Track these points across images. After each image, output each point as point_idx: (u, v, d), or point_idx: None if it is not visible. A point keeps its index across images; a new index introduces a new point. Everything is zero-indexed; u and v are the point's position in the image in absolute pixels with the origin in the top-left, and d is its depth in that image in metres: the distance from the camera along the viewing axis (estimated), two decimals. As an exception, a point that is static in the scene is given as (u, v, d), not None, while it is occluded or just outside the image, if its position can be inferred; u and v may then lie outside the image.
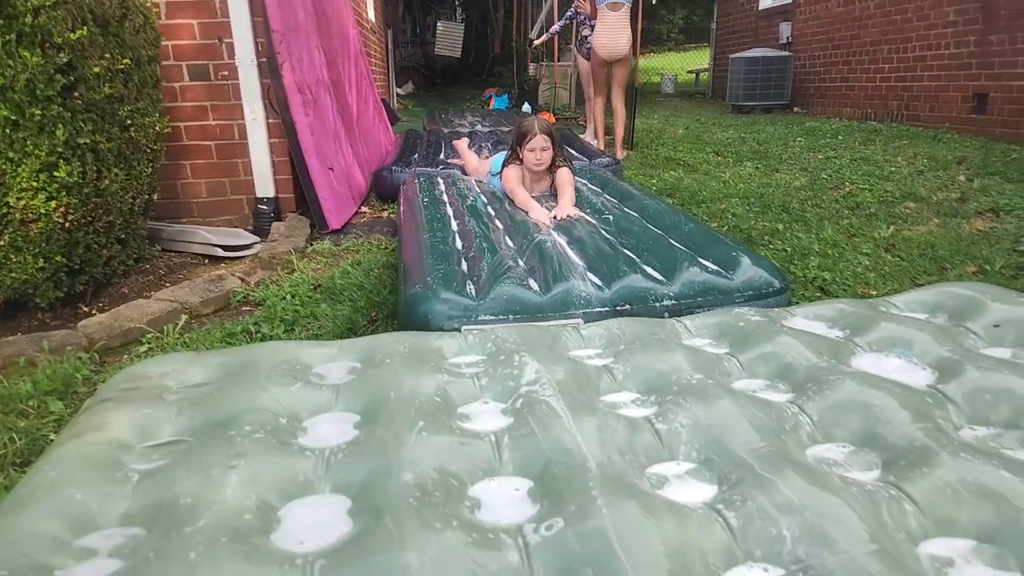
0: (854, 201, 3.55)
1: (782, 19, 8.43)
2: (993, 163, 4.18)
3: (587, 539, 0.88)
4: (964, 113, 5.51)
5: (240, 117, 3.28)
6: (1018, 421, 1.14)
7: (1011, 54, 5.02)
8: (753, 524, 0.92)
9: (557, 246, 2.28)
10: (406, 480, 1.00)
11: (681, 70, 13.03)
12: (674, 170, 4.68)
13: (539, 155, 2.93)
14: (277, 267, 2.85)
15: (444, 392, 1.32)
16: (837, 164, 4.55)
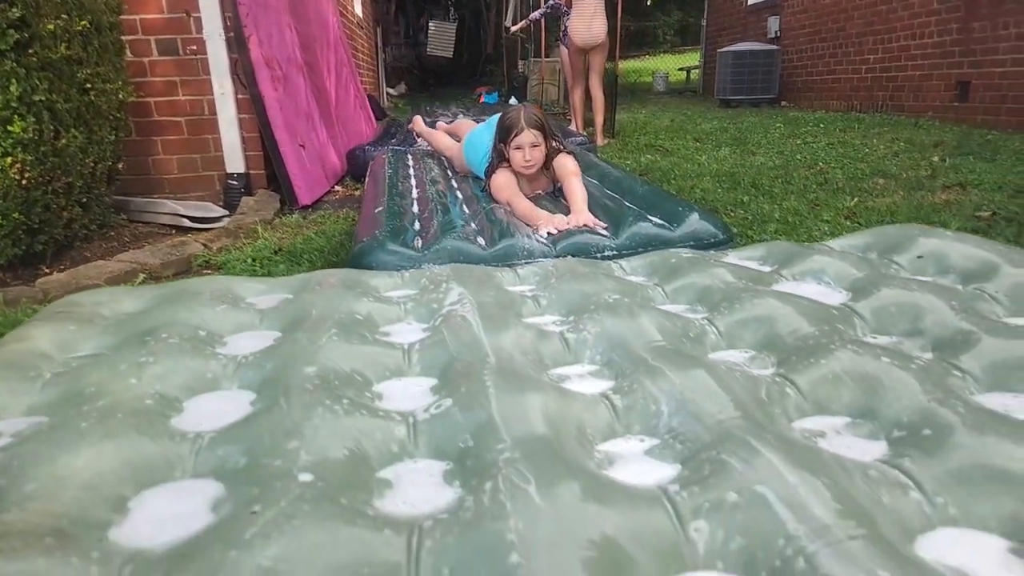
0: (824, 178, 3.60)
1: (770, 13, 8.53)
2: (969, 145, 4.24)
3: (469, 413, 0.92)
4: (947, 101, 5.57)
5: (209, 92, 3.34)
6: (919, 329, 1.19)
7: (992, 41, 5.09)
8: (636, 405, 0.97)
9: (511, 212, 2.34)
10: (308, 372, 1.04)
11: (674, 69, 13.14)
12: (651, 155, 4.74)
13: (528, 154, 2.38)
14: (242, 235, 2.90)
15: (369, 314, 1.36)
16: (813, 148, 4.61)
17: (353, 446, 0.88)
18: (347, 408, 0.94)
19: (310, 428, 0.87)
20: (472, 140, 2.95)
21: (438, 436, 0.92)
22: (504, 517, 0.70)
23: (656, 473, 0.84)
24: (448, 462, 0.88)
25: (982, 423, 0.81)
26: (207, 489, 0.82)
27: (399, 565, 0.67)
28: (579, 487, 0.74)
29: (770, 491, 0.72)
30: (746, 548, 0.69)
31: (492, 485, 0.76)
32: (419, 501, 0.80)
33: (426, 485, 0.84)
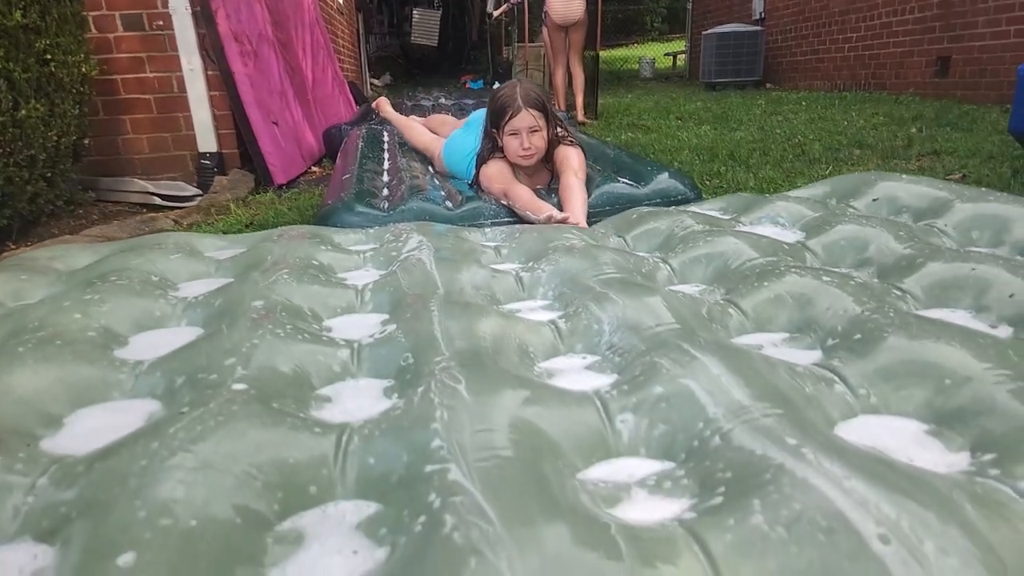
0: (801, 150, 3.64)
1: (755, -5, 8.55)
2: (947, 118, 4.28)
3: (412, 334, 0.93)
4: (928, 78, 5.62)
5: (178, 69, 3.32)
6: (866, 260, 1.21)
7: (972, 15, 5.13)
8: (579, 327, 0.98)
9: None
10: (255, 305, 1.05)
11: (661, 56, 13.16)
12: (633, 132, 4.76)
13: (527, 141, 1.99)
14: (214, 212, 2.89)
15: (327, 262, 1.37)
16: (793, 123, 4.64)
17: (294, 366, 0.89)
18: (290, 332, 0.95)
19: (249, 347, 0.88)
20: (452, 146, 2.52)
21: (381, 357, 0.94)
22: (431, 409, 0.71)
23: (593, 383, 0.85)
24: (389, 380, 0.90)
25: (910, 325, 0.83)
26: (144, 406, 0.83)
27: (326, 456, 0.69)
28: (510, 387, 0.76)
29: (695, 383, 0.74)
30: (667, 433, 0.71)
31: (424, 388, 0.77)
32: (355, 411, 0.81)
33: (365, 399, 0.85)
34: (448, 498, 0.58)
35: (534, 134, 2.01)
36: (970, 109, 4.52)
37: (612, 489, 0.65)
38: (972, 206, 1.33)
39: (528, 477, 0.61)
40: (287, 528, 0.61)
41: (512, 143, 2.03)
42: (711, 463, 0.64)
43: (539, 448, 0.67)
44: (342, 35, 8.26)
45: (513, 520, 0.54)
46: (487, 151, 2.12)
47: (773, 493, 0.55)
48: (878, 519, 0.49)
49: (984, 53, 4.97)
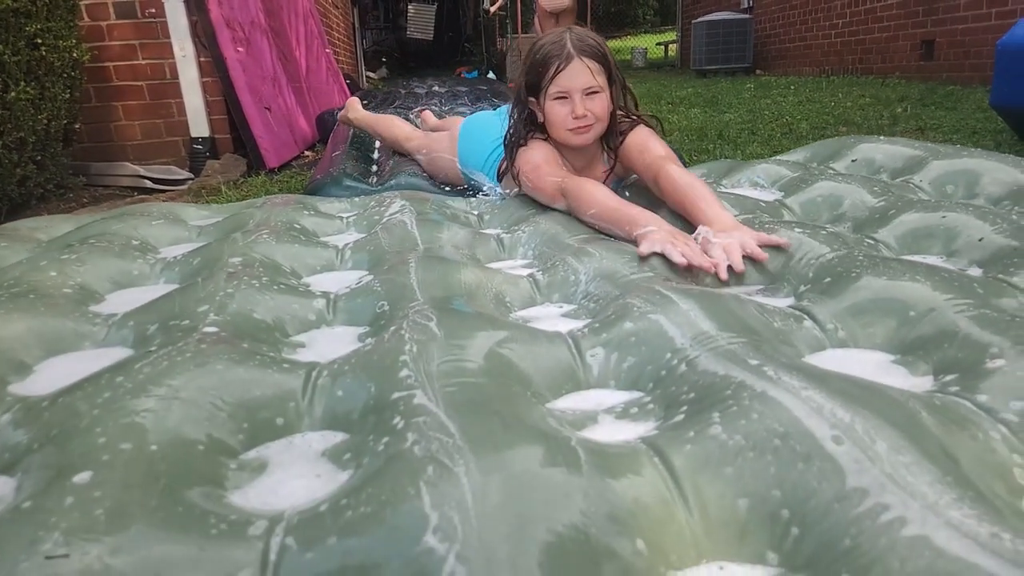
0: (789, 128, 3.62)
1: (743, -16, 8.51)
2: (932, 98, 4.27)
3: (389, 283, 0.92)
4: (913, 61, 5.59)
5: (170, 56, 3.29)
6: (841, 215, 1.20)
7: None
8: (556, 279, 0.97)
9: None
10: (233, 262, 1.03)
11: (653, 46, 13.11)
12: (623, 117, 4.74)
13: (580, 106, 1.32)
14: (205, 195, 2.87)
15: (310, 226, 1.36)
16: (782, 105, 4.62)
17: (268, 314, 0.88)
18: (266, 284, 0.94)
19: (224, 296, 0.87)
20: (471, 129, 1.80)
21: (356, 306, 0.93)
22: (401, 343, 0.70)
23: (567, 326, 0.84)
24: (364, 327, 0.89)
25: (878, 266, 0.82)
26: (114, 353, 0.82)
27: (294, 391, 0.68)
28: (482, 322, 0.75)
29: (664, 318, 0.73)
30: (636, 365, 0.70)
31: (396, 327, 0.76)
32: (328, 354, 0.80)
33: (338, 344, 0.84)
34: (412, 419, 0.57)
35: (593, 96, 1.30)
36: (955, 89, 4.50)
37: (579, 416, 0.64)
38: (947, 162, 1.32)
39: (493, 401, 0.60)
40: (252, 456, 0.60)
41: (558, 110, 1.31)
42: (676, 388, 0.63)
43: (507, 378, 0.66)
44: (337, 28, 8.21)
45: (474, 434, 0.53)
46: (520, 129, 1.40)
47: (732, 406, 0.54)
48: (832, 423, 0.49)
49: (967, 36, 4.95)
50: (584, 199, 1.19)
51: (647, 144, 1.33)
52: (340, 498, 0.51)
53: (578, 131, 1.35)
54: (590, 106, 1.32)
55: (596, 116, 1.34)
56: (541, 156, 1.38)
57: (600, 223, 1.15)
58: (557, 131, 1.37)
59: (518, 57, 9.49)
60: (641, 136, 1.37)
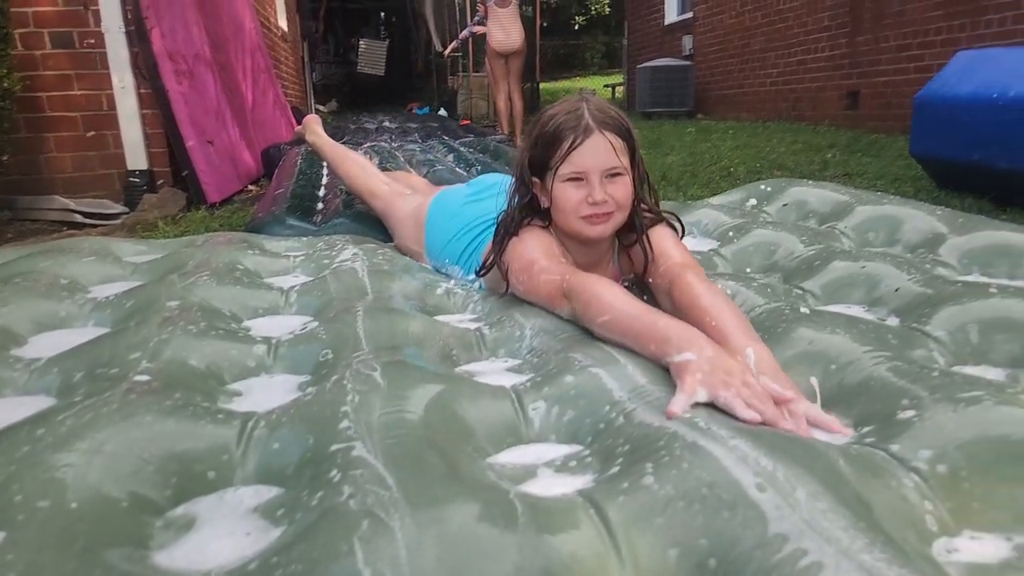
0: (727, 171, 3.78)
1: (684, 32, 8.93)
2: (859, 145, 4.55)
3: (334, 331, 0.92)
4: (841, 110, 5.95)
5: (108, 87, 3.22)
6: (773, 264, 1.27)
7: (875, 53, 5.48)
8: (503, 333, 0.99)
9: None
10: (169, 306, 1.01)
11: (600, 87, 13.54)
12: (570, 157, 4.87)
13: (600, 191, 1.08)
14: (139, 230, 2.79)
15: (253, 267, 1.34)
16: (721, 149, 4.83)
17: (205, 361, 0.86)
18: (203, 329, 0.92)
19: (157, 342, 0.85)
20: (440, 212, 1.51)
21: (299, 353, 0.92)
22: (343, 394, 0.70)
23: (511, 381, 0.85)
24: (306, 375, 0.88)
25: (803, 320, 0.87)
26: (35, 402, 0.78)
27: (227, 444, 0.66)
28: (426, 374, 0.75)
29: (604, 371, 0.75)
30: (576, 418, 0.71)
31: (338, 376, 0.76)
32: (266, 403, 0.79)
33: (277, 393, 0.83)
34: (349, 471, 0.56)
35: (615, 179, 1.07)
36: (878, 138, 4.80)
37: (520, 470, 0.65)
38: (870, 208, 1.41)
39: (433, 454, 0.61)
40: (179, 513, 0.58)
41: (570, 194, 1.08)
42: (613, 441, 0.65)
43: (449, 431, 0.66)
44: (286, 61, 8.19)
45: (412, 488, 0.53)
46: (516, 213, 1.16)
47: (665, 456, 0.56)
48: (756, 471, 0.51)
49: (888, 88, 5.31)
50: (594, 302, 0.91)
51: (664, 246, 1.10)
52: (270, 556, 0.50)
53: (594, 220, 1.07)
54: (611, 190, 1.06)
55: (617, 203, 1.07)
56: (537, 248, 1.09)
57: (615, 335, 0.87)
58: (567, 219, 1.09)
59: (468, 95, 9.65)
60: (658, 237, 1.12)
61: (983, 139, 2.47)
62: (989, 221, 1.30)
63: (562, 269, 1.04)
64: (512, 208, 1.16)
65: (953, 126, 2.66)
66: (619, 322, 0.86)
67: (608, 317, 0.87)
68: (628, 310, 0.87)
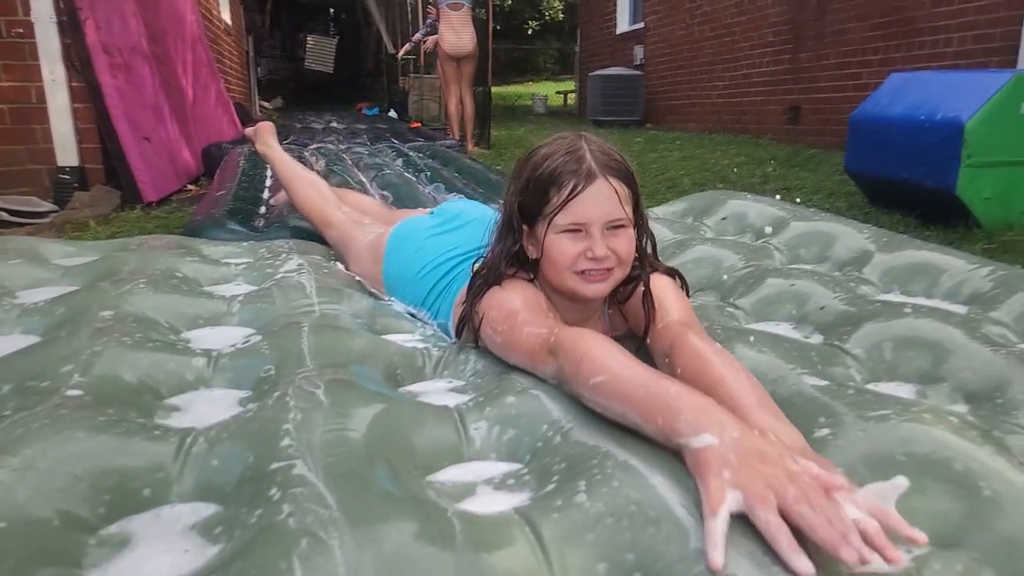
0: (672, 183, 3.90)
1: (636, 42, 9.14)
2: (798, 159, 4.75)
3: (278, 347, 0.92)
4: (782, 124, 6.21)
5: (38, 79, 3.09)
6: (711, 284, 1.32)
7: (816, 70, 5.75)
8: (449, 356, 1.00)
9: (367, 190, 2.35)
10: (103, 315, 0.99)
11: (553, 93, 13.69)
12: (521, 164, 4.92)
13: (601, 245, 0.96)
14: (69, 230, 2.68)
15: (192, 274, 1.32)
16: (668, 160, 4.97)
17: (140, 374, 0.85)
18: (138, 340, 0.91)
19: (90, 354, 0.84)
20: (401, 242, 1.38)
21: (241, 367, 0.91)
22: (285, 411, 0.71)
23: (455, 401, 0.87)
24: (247, 390, 0.88)
25: (732, 338, 0.93)
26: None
27: (164, 460, 0.66)
28: (368, 394, 0.77)
29: (543, 392, 0.78)
30: (515, 437, 0.74)
31: (280, 393, 0.76)
32: (205, 419, 0.79)
33: (217, 408, 0.83)
34: (289, 490, 0.57)
35: (617, 231, 0.97)
36: (817, 152, 5.03)
37: (459, 488, 0.67)
38: (804, 224, 1.50)
39: (373, 473, 0.62)
40: (113, 531, 0.58)
41: (566, 247, 0.96)
42: (550, 459, 0.68)
43: (391, 450, 0.68)
44: (229, 55, 7.99)
45: (351, 507, 0.54)
46: (500, 262, 1.02)
47: (597, 475, 0.59)
48: (682, 489, 0.55)
49: (827, 104, 5.57)
50: (587, 361, 0.77)
51: (663, 300, 0.99)
52: (208, 574, 0.51)
53: (591, 277, 0.96)
54: (613, 244, 0.95)
55: (619, 258, 0.96)
56: (520, 299, 0.97)
57: (611, 402, 0.72)
58: (560, 275, 0.97)
59: (420, 97, 9.61)
60: (657, 289, 1.00)
61: (912, 159, 2.63)
62: (911, 240, 1.39)
63: (549, 323, 0.91)
64: (495, 257, 1.01)
65: (885, 145, 2.83)
66: (617, 387, 0.72)
67: (603, 379, 0.73)
68: (628, 373, 0.73)
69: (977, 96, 2.45)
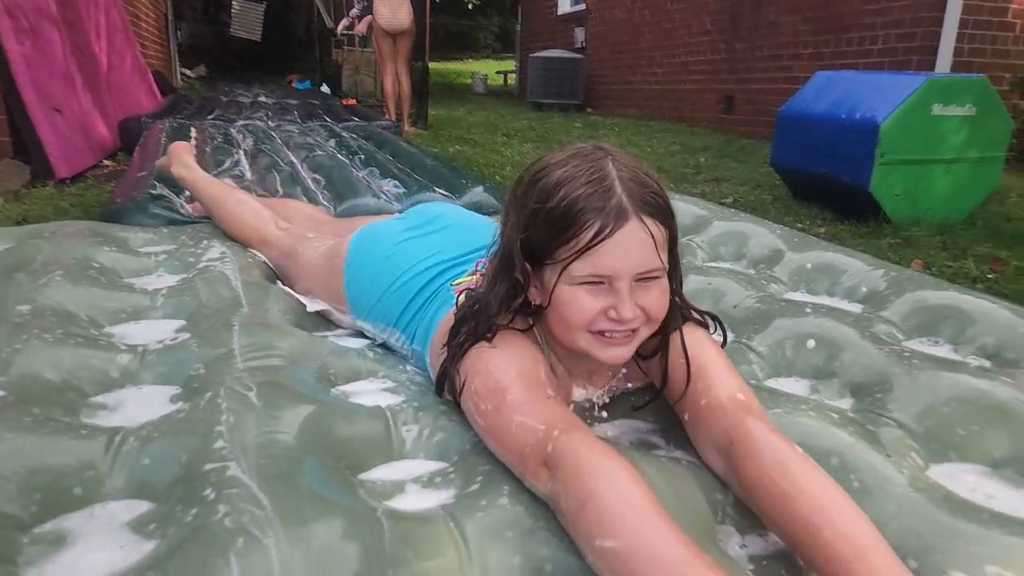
0: (609, 171, 4.01)
1: (577, 24, 9.21)
2: (729, 150, 4.95)
3: (208, 346, 0.93)
4: (717, 113, 6.43)
5: (-68, 40, 2.89)
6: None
7: (751, 61, 5.97)
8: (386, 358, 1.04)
9: (298, 172, 2.34)
10: (20, 310, 0.98)
11: (493, 72, 13.64)
12: (460, 145, 4.93)
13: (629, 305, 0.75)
14: (-28, 207, 2.54)
15: (110, 264, 1.30)
16: (606, 146, 5.09)
17: (63, 373, 0.85)
18: (60, 337, 0.91)
19: (10, 352, 0.84)
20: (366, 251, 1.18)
21: (169, 364, 0.93)
22: (217, 413, 0.74)
23: (388, 402, 0.91)
24: (177, 387, 0.90)
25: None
26: None
27: (93, 459, 0.68)
28: (301, 396, 0.80)
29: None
30: (444, 439, 0.80)
31: (212, 394, 0.79)
32: (135, 417, 0.80)
33: (147, 406, 0.84)
34: (224, 491, 0.61)
35: (649, 285, 0.78)
36: (748, 143, 5.26)
37: (389, 486, 0.72)
38: (725, 224, 1.60)
39: (305, 474, 0.66)
40: (47, 529, 0.61)
41: (584, 302, 0.77)
42: (476, 460, 0.74)
43: (322, 451, 0.72)
44: (146, 18, 7.59)
45: (284, 507, 0.59)
46: (492, 309, 0.82)
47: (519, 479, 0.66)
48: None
49: (759, 95, 5.81)
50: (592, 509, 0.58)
51: (704, 367, 0.79)
52: (145, 570, 0.54)
53: (612, 340, 0.77)
54: (644, 300, 0.76)
55: (650, 317, 0.77)
56: (513, 368, 0.76)
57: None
58: (570, 334, 0.78)
59: (355, 71, 9.41)
60: (695, 346, 0.81)
61: (832, 155, 2.81)
62: (818, 241, 1.52)
63: (548, 414, 0.70)
64: (486, 301, 0.81)
65: (808, 141, 3.00)
66: (634, 567, 0.53)
67: (614, 545, 0.55)
68: (654, 547, 0.53)
69: (893, 97, 2.63)
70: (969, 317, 1.08)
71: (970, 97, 2.59)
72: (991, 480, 0.76)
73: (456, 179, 2.33)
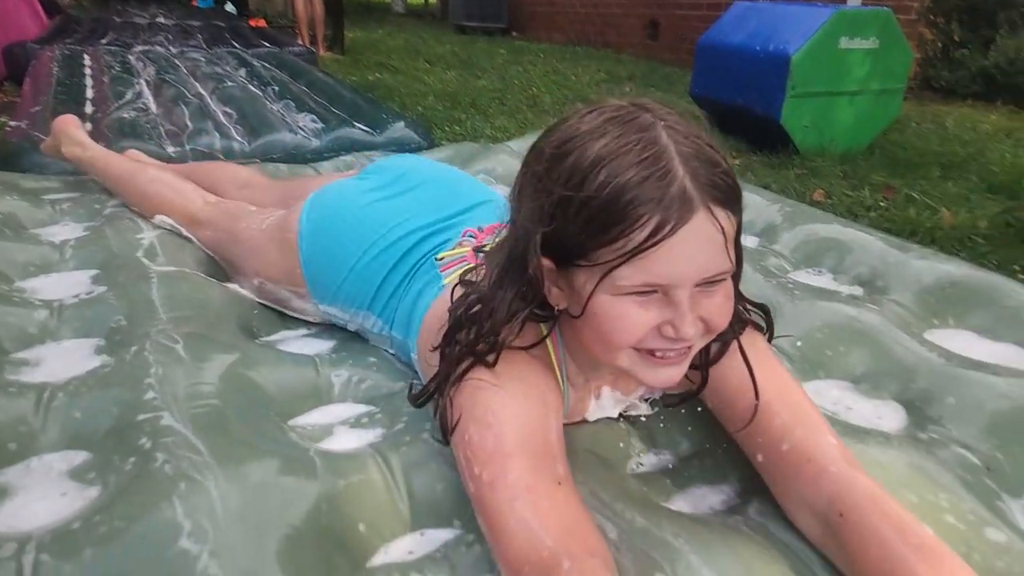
0: (534, 101, 4.01)
1: (501, -60, 8.86)
2: (654, 79, 5.01)
3: (126, 299, 0.94)
4: (642, 39, 6.43)
5: None
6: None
7: (675, -15, 5.95)
8: None
9: (207, 104, 2.25)
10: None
11: (413, -10, 13.01)
12: (380, 73, 4.78)
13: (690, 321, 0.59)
14: None
15: (10, 213, 1.26)
16: (531, 74, 5.05)
17: (-24, 331, 0.85)
18: (-26, 297, 0.90)
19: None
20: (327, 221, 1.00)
21: (87, 318, 0.94)
22: (146, 366, 0.76)
23: (315, 349, 0.96)
24: (99, 339, 0.91)
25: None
26: None
27: (24, 414, 0.71)
28: (228, 346, 0.84)
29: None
30: (372, 386, 0.85)
31: (138, 347, 0.81)
32: (60, 372, 0.82)
33: (72, 360, 0.86)
34: (160, 439, 0.65)
35: (712, 290, 0.62)
36: (672, 72, 5.32)
37: (319, 429, 0.78)
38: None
39: (239, 420, 0.71)
40: (-12, 484, 0.64)
41: (631, 315, 0.61)
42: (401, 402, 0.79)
43: (252, 398, 0.77)
44: (19, -77, 6.80)
45: (220, 452, 0.64)
46: (498, 321, 0.65)
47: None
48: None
49: (684, 22, 5.84)
50: None
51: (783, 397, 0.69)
52: (92, 515, 0.58)
53: (662, 361, 0.64)
54: (706, 311, 0.62)
55: (711, 328, 0.64)
56: (516, 425, 0.62)
57: None
58: (610, 353, 0.64)
59: (263, -12, 8.78)
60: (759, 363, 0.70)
61: (746, 86, 2.91)
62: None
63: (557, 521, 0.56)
64: (490, 308, 0.65)
65: (725, 72, 3.09)
66: None
67: None
68: None
69: (803, 30, 2.73)
70: (848, 248, 1.20)
71: (874, 30, 2.72)
72: (851, 393, 0.89)
73: (376, 113, 2.30)
